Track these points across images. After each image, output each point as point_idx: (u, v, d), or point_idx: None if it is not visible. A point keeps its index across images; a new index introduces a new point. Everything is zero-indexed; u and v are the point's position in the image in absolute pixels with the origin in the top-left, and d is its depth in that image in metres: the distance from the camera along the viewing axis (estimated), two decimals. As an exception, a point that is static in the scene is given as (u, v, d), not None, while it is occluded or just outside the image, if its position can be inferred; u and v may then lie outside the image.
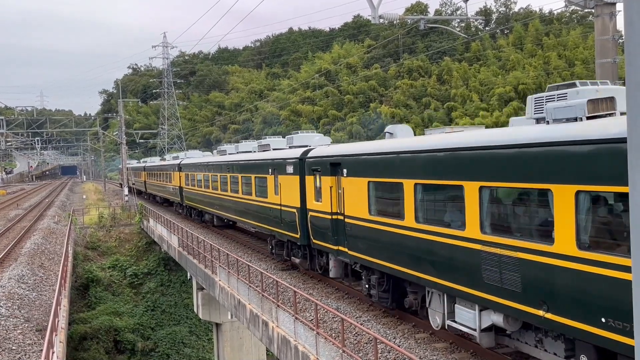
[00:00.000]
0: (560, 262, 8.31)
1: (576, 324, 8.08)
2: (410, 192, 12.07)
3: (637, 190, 2.54)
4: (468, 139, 10.64)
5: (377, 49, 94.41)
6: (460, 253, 10.51)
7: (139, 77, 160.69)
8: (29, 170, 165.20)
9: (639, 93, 2.47)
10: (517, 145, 9.18)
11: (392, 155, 12.95)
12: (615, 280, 7.45)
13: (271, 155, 21.44)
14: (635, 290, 2.63)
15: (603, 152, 7.63)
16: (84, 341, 35.14)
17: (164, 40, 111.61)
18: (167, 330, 39.45)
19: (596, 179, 7.73)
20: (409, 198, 12.09)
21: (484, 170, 9.88)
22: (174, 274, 41.92)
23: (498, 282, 9.48)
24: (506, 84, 69.76)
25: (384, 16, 18.33)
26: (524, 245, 8.93)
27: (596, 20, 15.08)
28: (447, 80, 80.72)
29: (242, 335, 29.51)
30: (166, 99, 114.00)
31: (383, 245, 13.36)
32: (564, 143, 8.29)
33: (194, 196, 35.61)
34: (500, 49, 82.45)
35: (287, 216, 19.17)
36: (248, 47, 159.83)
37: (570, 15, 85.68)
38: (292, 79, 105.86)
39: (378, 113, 77.27)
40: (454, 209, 10.95)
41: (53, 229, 40.73)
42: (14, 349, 16.20)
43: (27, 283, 23.71)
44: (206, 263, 24.48)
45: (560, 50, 74.09)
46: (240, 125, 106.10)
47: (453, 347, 11.85)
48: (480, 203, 9.98)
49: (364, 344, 12.69)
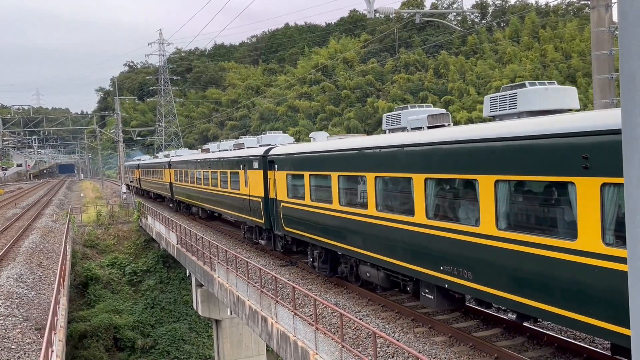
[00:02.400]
0: (417, 229, 11.88)
1: (420, 268, 11.86)
2: (307, 180, 17.34)
3: (631, 182, 2.54)
4: (332, 145, 15.92)
5: (374, 44, 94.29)
6: (365, 227, 14.06)
7: (136, 75, 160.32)
8: (27, 169, 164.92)
9: (632, 85, 2.46)
10: (375, 147, 13.49)
11: (299, 155, 17.93)
12: (441, 238, 11.09)
13: (243, 153, 24.45)
14: (632, 284, 2.62)
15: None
16: (84, 339, 35.15)
17: (159, 37, 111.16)
18: (167, 328, 39.48)
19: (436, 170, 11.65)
20: (307, 185, 17.38)
21: (373, 163, 13.65)
22: (172, 271, 41.93)
23: (387, 247, 13.16)
24: (503, 77, 69.73)
25: (379, 10, 18.28)
26: (400, 218, 12.50)
27: (592, 12, 15.05)
28: (443, 74, 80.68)
29: (241, 332, 29.55)
30: (163, 96, 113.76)
31: (297, 220, 18.43)
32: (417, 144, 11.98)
33: (183, 191, 38.31)
34: (497, 42, 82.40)
35: (254, 205, 22.31)
36: (244, 43, 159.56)
37: (567, 7, 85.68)
38: (288, 75, 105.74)
39: (375, 107, 77.21)
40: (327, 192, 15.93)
41: (51, 228, 40.68)
42: (14, 348, 16.19)
43: (26, 282, 23.69)
44: (205, 260, 24.50)
45: (556, 43, 74.07)
46: (238, 121, 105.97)
47: (452, 340, 11.87)
48: (375, 188, 13.44)
49: (363, 338, 12.70)
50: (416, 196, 11.79)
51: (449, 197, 11.26)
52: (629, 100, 2.50)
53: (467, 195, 10.66)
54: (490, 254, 9.75)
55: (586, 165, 7.90)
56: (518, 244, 9.13)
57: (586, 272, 7.98)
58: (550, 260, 8.52)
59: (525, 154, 8.93)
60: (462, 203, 10.78)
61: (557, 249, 8.40)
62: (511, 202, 9.51)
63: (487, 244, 9.81)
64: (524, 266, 9.02)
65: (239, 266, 20.33)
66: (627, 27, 2.49)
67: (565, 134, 8.23)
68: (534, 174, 8.82)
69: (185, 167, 36.64)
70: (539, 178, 8.80)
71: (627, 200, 2.57)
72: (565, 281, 8.33)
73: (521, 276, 9.13)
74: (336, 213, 15.45)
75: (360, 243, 14.32)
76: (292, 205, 18.61)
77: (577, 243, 8.08)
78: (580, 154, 7.95)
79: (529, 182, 9.16)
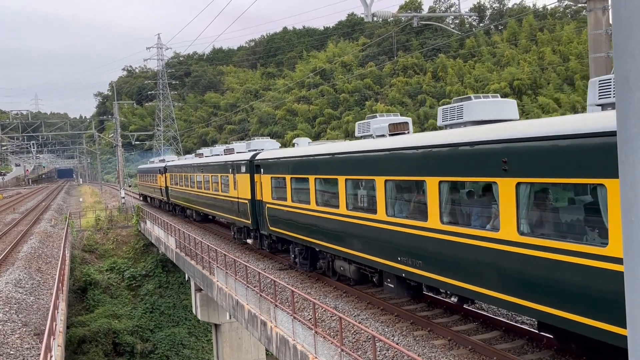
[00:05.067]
0: (380, 225, 13.35)
1: (383, 260, 13.30)
2: (289, 183, 18.61)
3: (627, 184, 2.55)
4: (310, 151, 17.44)
5: (372, 47, 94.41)
6: (337, 225, 15.38)
7: (134, 79, 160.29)
8: (25, 174, 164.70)
9: (626, 87, 2.46)
10: (344, 153, 15.09)
11: (282, 160, 19.51)
12: (398, 233, 12.54)
13: (232, 158, 25.54)
14: (628, 286, 2.63)
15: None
16: (83, 344, 35.10)
17: (158, 42, 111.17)
18: (166, 332, 39.40)
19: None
20: (288, 187, 18.69)
21: (343, 167, 15.17)
22: (172, 275, 41.87)
23: (356, 243, 14.59)
24: (501, 80, 69.82)
25: (377, 14, 18.30)
26: (366, 216, 13.94)
27: (589, 14, 15.08)
28: (442, 77, 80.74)
29: (241, 336, 29.50)
30: (161, 101, 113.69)
31: (280, 220, 19.73)
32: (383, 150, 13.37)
33: (177, 194, 39.18)
34: (495, 45, 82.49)
35: (242, 207, 23.59)
36: (242, 47, 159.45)
37: (564, 10, 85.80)
38: (287, 79, 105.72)
39: (374, 111, 77.23)
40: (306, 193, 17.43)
41: (50, 233, 40.63)
42: (12, 354, 16.15)
43: (25, 287, 23.65)
44: (204, 264, 24.48)
45: (554, 45, 74.17)
46: (236, 125, 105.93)
47: (451, 343, 11.86)
48: (346, 189, 14.91)
49: (362, 342, 12.69)
50: (378, 196, 13.32)
51: (405, 197, 12.84)
52: (624, 102, 2.52)
53: (418, 195, 12.18)
54: (436, 245, 11.28)
55: (505, 168, 9.30)
56: (457, 236, 10.66)
57: (507, 258, 9.45)
58: (479, 249, 10.04)
59: (461, 158, 10.48)
60: (415, 201, 12.35)
61: (485, 239, 9.88)
62: (451, 200, 11.11)
63: (434, 236, 11.34)
64: (462, 255, 10.55)
65: (238, 270, 20.32)
66: (620, 29, 2.51)
67: (490, 141, 9.73)
68: (467, 175, 10.37)
69: (181, 171, 37.47)
70: (470, 179, 10.39)
71: (622, 202, 2.57)
72: (491, 266, 9.82)
73: (460, 263, 10.64)
74: (314, 213, 16.90)
75: (335, 240, 15.74)
76: (276, 206, 20.01)
77: (500, 233, 9.55)
78: (501, 158, 9.40)
79: (464, 183, 10.74)
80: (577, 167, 8.05)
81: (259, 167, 21.75)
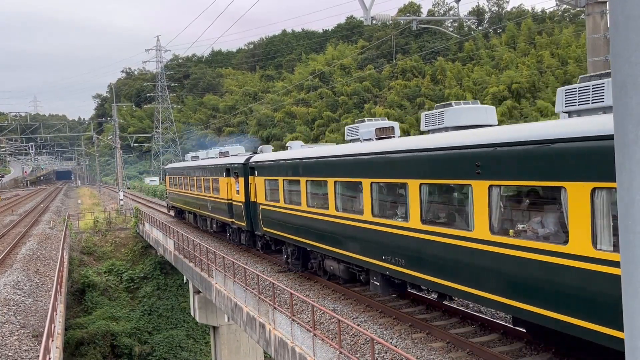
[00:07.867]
0: (365, 225, 13.84)
1: (369, 259, 13.81)
2: (281, 185, 19.16)
3: (624, 189, 2.57)
4: (301, 154, 18.01)
5: (371, 50, 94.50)
6: (327, 225, 15.90)
7: (133, 81, 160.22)
8: (24, 176, 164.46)
9: (624, 92, 2.49)
10: (333, 156, 15.63)
11: (275, 162, 19.98)
12: (383, 233, 13.04)
13: (227, 161, 25.64)
14: (625, 289, 2.65)
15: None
16: (81, 346, 35.03)
17: (157, 44, 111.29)
18: (164, 334, 39.32)
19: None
20: (281, 189, 19.09)
21: (332, 169, 15.63)
22: (170, 277, 41.79)
23: (344, 242, 15.07)
24: (500, 83, 69.87)
25: (376, 17, 18.33)
26: (353, 217, 14.41)
27: (587, 18, 15.13)
28: (440, 80, 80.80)
29: (239, 338, 29.46)
30: (160, 103, 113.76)
31: (274, 221, 20.19)
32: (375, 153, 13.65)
33: (176, 196, 39.49)
34: (494, 48, 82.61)
35: (237, 209, 23.86)
36: (241, 49, 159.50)
37: (563, 13, 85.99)
38: (286, 81, 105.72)
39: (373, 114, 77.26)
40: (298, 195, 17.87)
41: (48, 235, 40.59)
42: (11, 356, 16.14)
43: (23, 289, 23.62)
44: (202, 266, 24.46)
45: (553, 49, 74.26)
46: (235, 127, 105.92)
47: (450, 346, 11.88)
48: (335, 191, 15.43)
49: (361, 344, 12.69)
50: (365, 197, 13.83)
51: (389, 198, 13.37)
52: (621, 107, 2.54)
53: (401, 196, 12.60)
54: (417, 244, 11.73)
55: (479, 172, 9.78)
56: (435, 235, 11.14)
57: (480, 256, 9.91)
58: (455, 248, 10.50)
59: (439, 162, 10.99)
60: (398, 202, 12.88)
61: (461, 238, 10.36)
62: (430, 201, 11.65)
63: (415, 236, 11.80)
64: (440, 253, 11.02)
65: (237, 272, 20.31)
66: (617, 35, 2.53)
67: (465, 146, 10.20)
68: (445, 177, 10.88)
69: (179, 173, 37.50)
70: (448, 181, 10.90)
71: (619, 206, 2.60)
72: (466, 264, 10.27)
73: (438, 262, 11.10)
74: (305, 214, 17.41)
75: (324, 240, 16.25)
76: (269, 207, 20.53)
77: (474, 232, 10.03)
78: (475, 162, 9.87)
79: (442, 185, 11.26)
80: (542, 171, 8.58)
81: (253, 169, 22.09)
